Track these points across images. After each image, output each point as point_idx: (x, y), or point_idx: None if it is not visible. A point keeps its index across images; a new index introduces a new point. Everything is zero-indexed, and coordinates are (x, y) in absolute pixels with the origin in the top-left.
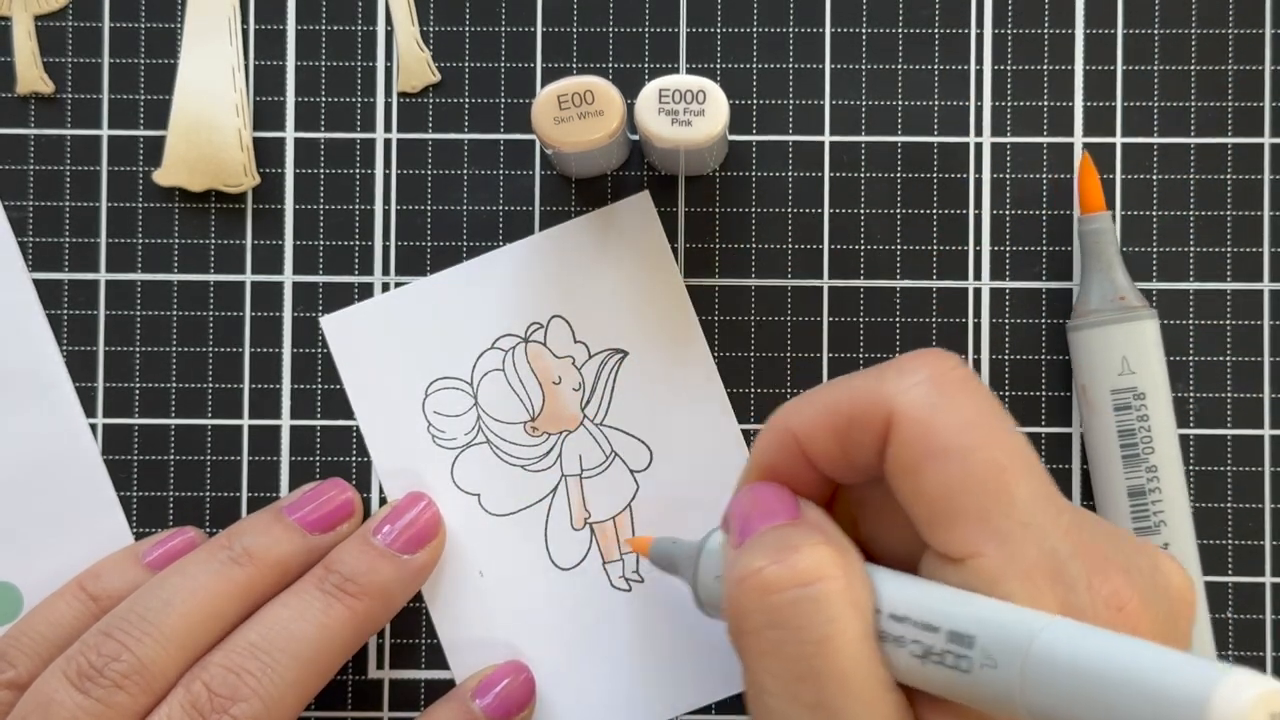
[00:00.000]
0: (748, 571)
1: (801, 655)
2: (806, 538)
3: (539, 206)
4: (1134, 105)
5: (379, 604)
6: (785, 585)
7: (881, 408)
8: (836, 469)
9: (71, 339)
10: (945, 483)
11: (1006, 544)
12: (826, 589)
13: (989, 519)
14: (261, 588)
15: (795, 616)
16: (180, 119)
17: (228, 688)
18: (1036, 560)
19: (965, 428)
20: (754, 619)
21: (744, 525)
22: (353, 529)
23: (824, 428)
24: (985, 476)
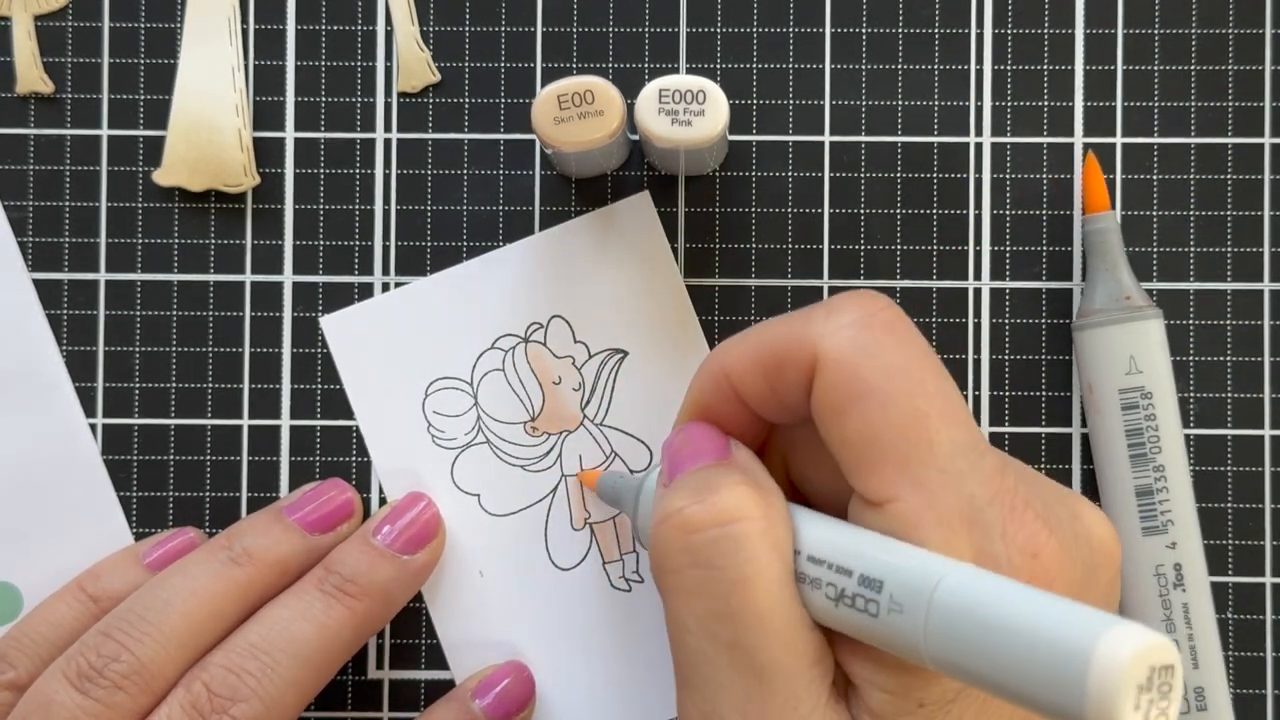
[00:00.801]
0: (670, 510)
1: (720, 594)
2: (727, 477)
3: (539, 206)
4: (1134, 105)
5: (379, 604)
6: (705, 524)
7: (808, 348)
8: (767, 408)
9: (71, 339)
10: (867, 427)
11: (923, 489)
12: (745, 529)
13: (908, 464)
14: (261, 588)
15: (715, 556)
16: (180, 119)
17: (228, 688)
18: (952, 506)
19: (890, 372)
20: (676, 558)
21: (673, 465)
22: (352, 529)
23: (754, 367)
24: (906, 422)
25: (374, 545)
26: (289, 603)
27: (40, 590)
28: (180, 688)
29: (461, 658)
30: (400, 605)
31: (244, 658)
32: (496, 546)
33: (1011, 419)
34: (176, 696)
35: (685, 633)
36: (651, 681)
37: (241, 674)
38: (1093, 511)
